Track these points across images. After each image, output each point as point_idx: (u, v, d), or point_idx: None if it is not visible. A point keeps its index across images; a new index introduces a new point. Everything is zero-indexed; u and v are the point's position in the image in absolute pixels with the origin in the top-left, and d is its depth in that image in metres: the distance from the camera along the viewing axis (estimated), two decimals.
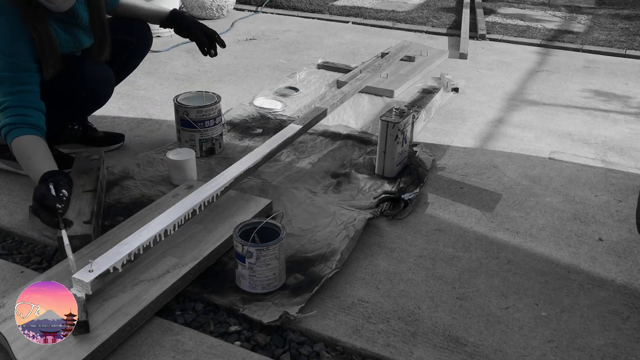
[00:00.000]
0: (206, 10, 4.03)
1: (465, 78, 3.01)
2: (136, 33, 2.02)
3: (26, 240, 1.66)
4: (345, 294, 1.47)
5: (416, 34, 3.86)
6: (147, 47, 2.11)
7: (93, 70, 1.83)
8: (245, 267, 1.41)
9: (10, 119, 1.61)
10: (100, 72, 1.85)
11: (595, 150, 2.28)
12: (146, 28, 2.07)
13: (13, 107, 1.62)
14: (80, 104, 1.88)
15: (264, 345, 1.31)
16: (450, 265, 1.59)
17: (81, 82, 1.79)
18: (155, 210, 1.67)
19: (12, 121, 1.61)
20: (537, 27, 4.04)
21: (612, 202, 1.92)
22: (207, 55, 2.04)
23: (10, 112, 1.62)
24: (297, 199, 1.86)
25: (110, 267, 1.34)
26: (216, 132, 2.13)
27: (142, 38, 2.05)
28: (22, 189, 1.89)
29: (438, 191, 1.96)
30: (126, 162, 2.06)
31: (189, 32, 2.02)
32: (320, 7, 4.43)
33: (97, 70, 1.84)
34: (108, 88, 1.90)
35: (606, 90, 2.93)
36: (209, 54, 2.04)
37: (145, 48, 2.10)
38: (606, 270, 1.59)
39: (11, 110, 1.62)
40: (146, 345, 1.29)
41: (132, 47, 2.03)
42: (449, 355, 1.29)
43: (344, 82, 2.76)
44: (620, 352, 1.32)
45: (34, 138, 1.62)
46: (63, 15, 1.72)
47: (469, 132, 2.41)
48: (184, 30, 2.03)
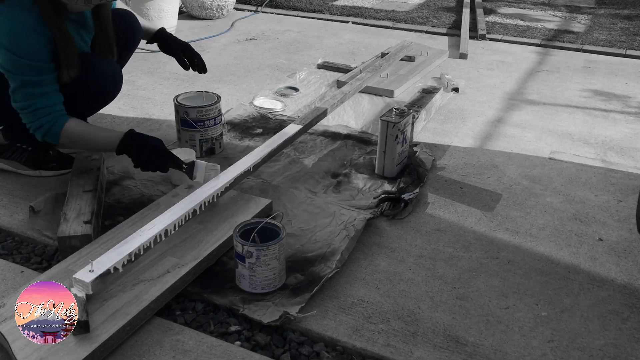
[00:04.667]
0: (206, 10, 4.02)
1: (465, 78, 3.01)
2: (123, 27, 2.02)
3: (26, 240, 1.66)
4: (345, 294, 1.47)
5: (416, 34, 3.86)
6: (136, 41, 2.10)
7: (103, 66, 1.84)
8: (245, 267, 1.41)
9: (44, 119, 1.69)
10: (111, 68, 1.88)
11: (595, 150, 2.28)
12: (135, 22, 2.06)
13: (41, 108, 1.68)
14: (92, 100, 1.90)
15: (264, 345, 1.31)
16: (450, 265, 1.59)
17: (93, 78, 1.81)
18: (155, 210, 1.67)
19: (48, 119, 1.69)
20: (537, 27, 4.04)
21: (612, 202, 1.92)
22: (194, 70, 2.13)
23: (41, 113, 1.69)
24: (297, 199, 1.86)
25: (111, 267, 1.34)
26: (216, 132, 2.13)
27: (129, 32, 2.05)
28: (22, 189, 1.89)
29: (438, 191, 1.96)
30: (126, 162, 2.05)
31: (170, 51, 2.11)
32: (320, 7, 4.43)
33: (108, 66, 1.86)
34: (118, 83, 1.93)
35: (606, 90, 2.93)
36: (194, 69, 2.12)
37: (134, 41, 2.09)
38: (606, 270, 1.59)
39: (41, 112, 1.69)
40: (146, 345, 1.29)
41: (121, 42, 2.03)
42: (449, 355, 1.29)
43: (344, 82, 2.76)
44: (620, 352, 1.32)
45: (75, 120, 1.73)
46: (74, 16, 1.74)
47: (469, 132, 2.41)
48: (166, 48, 2.11)
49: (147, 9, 3.40)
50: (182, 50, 2.10)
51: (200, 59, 2.12)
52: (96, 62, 1.83)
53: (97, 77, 1.83)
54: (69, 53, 1.68)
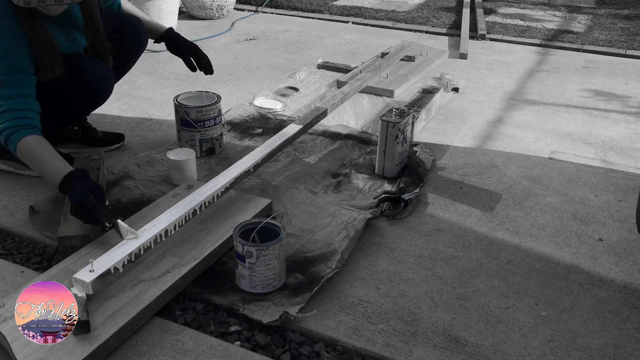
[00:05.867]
0: (206, 10, 4.02)
1: (465, 78, 3.01)
2: (129, 33, 2.01)
3: (26, 240, 1.66)
4: (345, 294, 1.47)
5: (416, 34, 3.86)
6: (142, 46, 2.10)
7: (92, 67, 1.83)
8: (245, 267, 1.41)
9: (11, 122, 1.62)
10: (100, 70, 1.86)
11: (595, 150, 2.28)
12: (140, 27, 2.05)
13: (12, 110, 1.62)
14: (80, 102, 1.89)
15: (264, 345, 1.31)
16: (450, 265, 1.59)
17: (81, 79, 1.80)
18: (155, 210, 1.67)
19: (13, 124, 1.61)
20: (537, 27, 4.04)
21: (612, 202, 1.92)
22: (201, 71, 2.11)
23: (9, 116, 1.62)
24: (297, 199, 1.86)
25: (111, 267, 1.34)
26: (216, 132, 2.13)
27: (135, 38, 2.04)
28: (22, 189, 1.89)
29: (438, 191, 1.96)
30: (126, 162, 2.06)
31: (178, 51, 2.10)
32: (320, 7, 4.43)
33: (97, 67, 1.85)
34: (108, 85, 1.91)
35: (606, 90, 2.93)
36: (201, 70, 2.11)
37: (139, 48, 2.09)
38: (606, 270, 1.59)
39: (10, 114, 1.62)
40: (146, 345, 1.29)
41: (126, 48, 2.03)
42: (449, 355, 1.29)
43: (344, 82, 2.76)
44: (620, 352, 1.32)
45: (38, 138, 1.63)
46: (58, 17, 1.72)
47: (469, 132, 2.41)
48: (173, 48, 2.10)
49: (147, 9, 3.40)
50: (190, 52, 2.09)
51: (208, 60, 2.10)
52: (86, 63, 1.82)
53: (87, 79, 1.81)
54: (46, 54, 1.65)
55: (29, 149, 1.61)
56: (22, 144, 1.61)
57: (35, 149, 1.62)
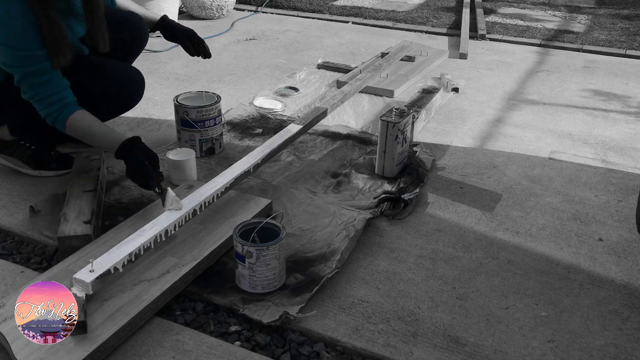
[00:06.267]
0: (206, 10, 4.02)
1: (465, 78, 3.01)
2: (130, 31, 2.01)
3: (26, 240, 1.66)
4: (345, 294, 1.47)
5: (416, 34, 3.86)
6: (142, 44, 2.10)
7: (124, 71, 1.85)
8: (245, 267, 1.41)
9: (52, 107, 1.68)
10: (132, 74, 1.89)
11: (595, 150, 2.28)
12: (141, 24, 2.06)
13: (47, 96, 1.67)
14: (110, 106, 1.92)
15: (264, 345, 1.31)
16: (450, 265, 1.59)
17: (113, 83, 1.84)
18: (155, 210, 1.67)
19: (54, 108, 1.68)
20: (537, 27, 4.04)
21: (612, 202, 1.92)
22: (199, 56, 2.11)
23: (48, 101, 1.68)
24: (297, 199, 1.86)
25: (111, 267, 1.34)
26: (216, 132, 2.13)
27: (136, 36, 2.04)
28: (22, 188, 1.89)
29: (438, 191, 1.96)
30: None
31: (174, 38, 2.09)
32: (320, 7, 4.43)
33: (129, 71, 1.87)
34: (140, 89, 1.95)
35: (606, 90, 2.93)
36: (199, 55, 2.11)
37: (140, 45, 2.09)
38: (606, 270, 1.59)
39: (47, 100, 1.67)
40: (146, 345, 1.29)
41: (127, 47, 2.02)
42: (449, 355, 1.29)
43: (344, 82, 2.76)
44: (620, 352, 1.32)
45: (81, 112, 1.71)
46: (59, 3, 1.72)
47: (469, 132, 2.41)
48: (170, 36, 2.10)
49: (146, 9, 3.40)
50: (187, 37, 2.08)
51: (204, 43, 2.11)
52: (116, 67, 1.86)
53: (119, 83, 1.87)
54: (57, 40, 1.65)
55: (78, 124, 1.70)
56: (70, 123, 1.69)
57: (84, 123, 1.71)
